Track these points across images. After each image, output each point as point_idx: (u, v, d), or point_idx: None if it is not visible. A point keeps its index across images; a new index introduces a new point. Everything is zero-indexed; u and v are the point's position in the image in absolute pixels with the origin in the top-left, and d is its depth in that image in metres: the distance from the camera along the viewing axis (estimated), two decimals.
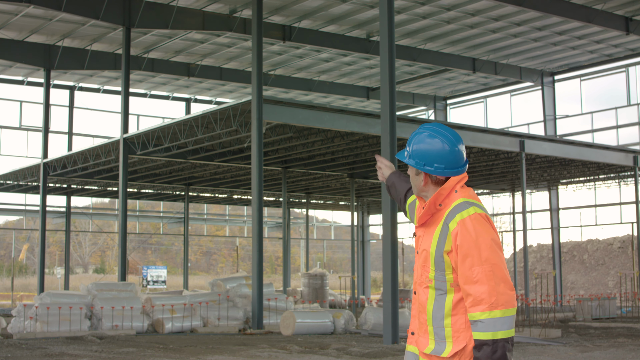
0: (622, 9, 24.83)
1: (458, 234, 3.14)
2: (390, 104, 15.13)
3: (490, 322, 3.04)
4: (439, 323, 3.17)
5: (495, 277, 3.07)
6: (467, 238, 3.12)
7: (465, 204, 3.21)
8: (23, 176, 30.27)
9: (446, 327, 3.16)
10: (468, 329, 3.14)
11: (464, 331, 3.15)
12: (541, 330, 16.54)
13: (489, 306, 3.04)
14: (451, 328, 3.16)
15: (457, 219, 3.17)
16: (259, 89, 18.59)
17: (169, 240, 56.01)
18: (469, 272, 3.09)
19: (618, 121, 31.72)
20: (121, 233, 23.00)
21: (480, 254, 3.09)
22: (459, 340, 3.14)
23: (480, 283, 3.07)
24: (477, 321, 3.06)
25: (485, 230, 3.14)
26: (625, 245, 34.66)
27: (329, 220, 49.90)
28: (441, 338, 3.16)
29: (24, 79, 33.33)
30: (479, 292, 3.06)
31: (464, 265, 3.11)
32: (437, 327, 3.17)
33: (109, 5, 23.28)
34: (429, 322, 3.20)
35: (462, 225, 3.15)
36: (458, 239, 3.14)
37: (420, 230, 3.37)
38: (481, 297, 3.06)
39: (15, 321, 16.87)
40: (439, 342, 3.17)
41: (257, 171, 18.51)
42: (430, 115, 38.44)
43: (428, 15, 25.31)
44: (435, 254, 3.20)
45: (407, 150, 3.39)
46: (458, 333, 3.15)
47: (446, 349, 3.14)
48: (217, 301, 19.24)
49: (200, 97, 37.64)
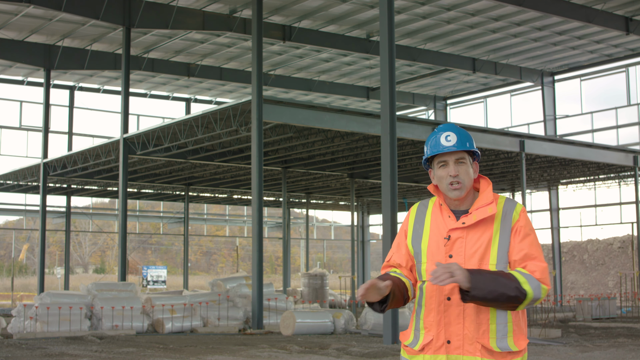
0: (622, 9, 24.83)
1: (519, 221, 3.28)
2: (390, 104, 15.13)
3: (535, 285, 3.17)
4: (502, 320, 3.21)
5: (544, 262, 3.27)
6: (527, 223, 3.29)
7: (512, 199, 3.37)
8: (23, 176, 30.27)
9: (509, 323, 3.22)
10: (524, 321, 3.29)
11: (522, 324, 3.27)
12: (541, 330, 16.54)
13: (549, 288, 3.23)
14: (512, 323, 3.24)
15: (518, 209, 3.31)
16: (259, 89, 18.59)
17: (169, 240, 56.01)
18: (529, 249, 3.24)
19: (618, 121, 31.72)
20: (121, 233, 23.00)
21: (536, 240, 3.29)
22: (521, 334, 3.26)
23: (539, 260, 3.24)
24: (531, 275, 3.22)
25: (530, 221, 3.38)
26: (625, 245, 34.66)
27: (329, 220, 49.91)
28: (504, 335, 3.21)
29: (24, 79, 33.33)
30: (537, 267, 3.22)
31: (523, 243, 3.25)
32: (500, 324, 3.21)
33: (109, 5, 23.28)
34: (492, 321, 3.20)
35: (522, 215, 3.30)
36: (519, 224, 3.29)
37: (460, 232, 3.27)
38: (539, 270, 3.21)
39: (15, 321, 16.87)
40: (501, 339, 3.20)
41: (257, 171, 18.51)
42: (430, 115, 38.44)
43: (428, 15, 25.31)
44: (499, 250, 3.24)
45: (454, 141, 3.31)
46: (519, 326, 3.25)
47: (510, 343, 3.21)
48: (217, 301, 19.24)
49: (200, 97, 37.64)
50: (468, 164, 3.31)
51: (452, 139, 3.30)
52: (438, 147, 3.31)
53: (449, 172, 3.29)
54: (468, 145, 3.31)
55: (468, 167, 3.31)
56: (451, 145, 3.28)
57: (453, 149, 3.27)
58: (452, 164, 3.30)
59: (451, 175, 3.28)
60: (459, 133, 3.33)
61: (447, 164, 3.31)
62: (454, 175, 3.28)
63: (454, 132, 3.32)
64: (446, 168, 3.31)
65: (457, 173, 3.28)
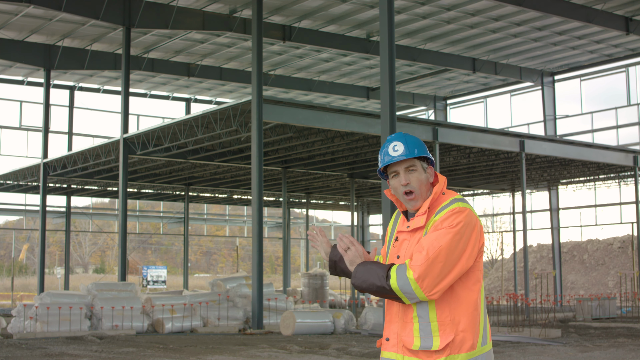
0: (622, 9, 24.83)
1: (436, 221, 3.21)
2: (390, 104, 15.13)
3: (402, 279, 3.11)
4: (424, 319, 3.20)
5: (437, 258, 3.11)
6: (445, 221, 3.18)
7: (457, 200, 3.27)
8: (23, 176, 30.27)
9: (432, 322, 3.19)
10: (452, 321, 3.19)
11: (449, 324, 3.19)
12: (541, 330, 16.54)
13: (417, 276, 3.09)
14: (437, 322, 3.19)
15: (445, 211, 3.22)
16: (259, 89, 18.59)
17: (169, 240, 56.02)
18: (425, 241, 3.16)
19: (618, 121, 31.72)
20: (121, 233, 23.00)
21: (442, 235, 3.15)
22: (446, 334, 3.18)
23: (425, 251, 3.12)
24: (407, 265, 3.14)
25: (467, 223, 3.18)
26: (625, 245, 34.66)
27: (329, 220, 49.91)
28: (427, 334, 3.19)
29: (24, 79, 33.33)
30: (417, 258, 3.14)
31: (425, 238, 3.18)
32: (423, 322, 3.20)
33: (109, 5, 23.28)
34: (415, 320, 3.22)
35: (446, 215, 3.20)
36: (435, 223, 3.20)
37: (405, 234, 3.33)
38: (415, 260, 3.13)
39: (15, 321, 16.87)
40: (425, 338, 3.19)
41: (257, 171, 18.51)
42: (430, 115, 38.45)
43: (428, 15, 25.31)
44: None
45: (401, 150, 3.31)
46: (444, 326, 3.19)
47: (434, 343, 3.18)
48: (217, 301, 19.24)
49: (200, 97, 37.64)
50: (420, 171, 3.33)
51: (399, 148, 3.33)
52: (387, 159, 3.35)
53: (400, 182, 3.33)
54: (416, 152, 3.32)
55: (420, 174, 3.32)
56: (399, 155, 3.31)
57: (401, 158, 3.30)
58: (402, 173, 3.32)
59: (402, 185, 3.32)
60: (407, 141, 3.34)
61: (398, 174, 3.34)
62: (405, 184, 3.31)
63: (401, 141, 3.34)
64: (398, 177, 3.34)
65: (408, 181, 3.31)
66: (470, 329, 3.21)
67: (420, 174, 3.32)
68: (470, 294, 3.24)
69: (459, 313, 3.21)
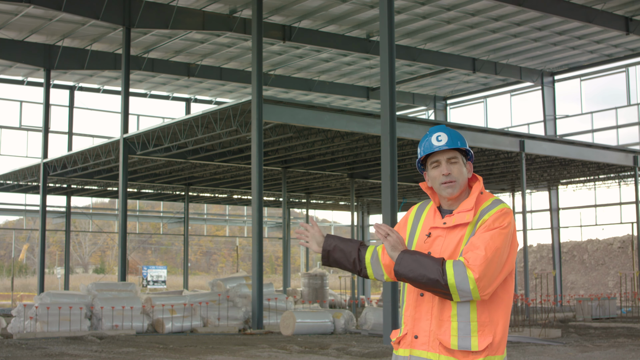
0: (622, 9, 24.83)
1: (486, 220, 3.20)
2: (390, 104, 15.13)
3: (461, 276, 3.07)
4: (464, 318, 3.16)
5: (494, 258, 3.10)
6: (496, 221, 3.18)
7: (499, 201, 3.28)
8: (23, 176, 30.27)
9: (472, 322, 3.16)
10: (491, 322, 3.18)
11: (488, 324, 3.17)
12: (541, 330, 16.54)
13: (478, 276, 3.06)
14: (477, 322, 3.16)
15: (493, 212, 3.21)
16: (259, 89, 18.59)
17: (169, 240, 56.01)
18: (477, 240, 3.14)
19: (618, 121, 31.73)
20: (121, 233, 23.00)
21: (496, 235, 3.14)
22: (485, 334, 3.16)
23: (480, 249, 3.11)
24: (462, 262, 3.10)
25: (513, 225, 3.21)
26: (625, 245, 34.66)
27: (329, 220, 49.91)
28: (466, 334, 3.16)
29: (24, 79, 33.33)
30: (472, 255, 3.11)
31: (477, 236, 3.16)
32: (463, 322, 3.17)
33: (109, 5, 23.28)
34: (454, 319, 3.18)
35: (495, 215, 3.21)
36: (486, 223, 3.19)
37: (440, 231, 3.30)
38: (472, 257, 3.10)
39: (15, 321, 16.87)
40: (463, 338, 3.16)
41: (257, 171, 18.51)
42: (430, 115, 38.45)
43: (428, 15, 25.31)
44: (463, 250, 3.21)
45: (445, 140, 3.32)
46: (483, 327, 3.17)
47: (472, 343, 3.15)
48: (217, 301, 19.24)
49: (200, 97, 37.64)
50: (461, 163, 3.33)
51: (443, 138, 3.33)
52: (430, 148, 3.34)
53: (441, 172, 3.31)
54: (459, 144, 3.33)
55: (461, 167, 3.33)
56: (443, 145, 3.31)
57: (445, 148, 3.30)
58: (444, 163, 3.32)
59: (444, 175, 3.30)
60: (450, 133, 3.36)
61: (440, 164, 3.33)
62: (447, 174, 3.30)
63: (445, 132, 3.35)
64: (439, 168, 3.33)
65: (450, 172, 3.30)
66: (506, 331, 3.23)
67: (461, 167, 3.33)
68: (508, 296, 3.25)
69: (498, 314, 3.21)
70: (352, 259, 3.42)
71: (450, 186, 3.29)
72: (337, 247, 3.42)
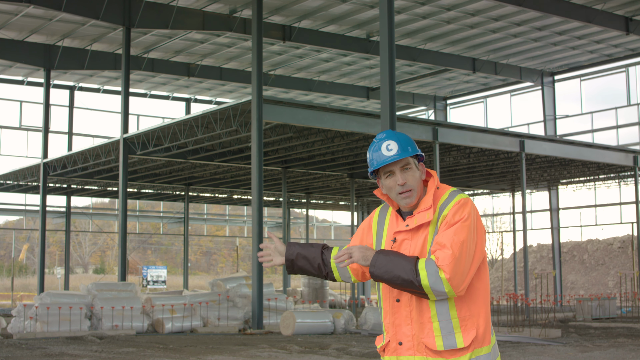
0: (622, 9, 24.83)
1: (447, 215, 3.14)
2: (390, 104, 15.14)
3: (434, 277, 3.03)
4: (444, 317, 3.14)
5: (461, 254, 3.06)
6: (456, 214, 3.13)
7: (456, 192, 3.22)
8: (23, 176, 30.27)
9: (453, 319, 3.14)
10: (472, 315, 3.15)
11: (469, 318, 3.15)
12: (541, 330, 16.54)
13: (449, 276, 3.03)
14: (458, 318, 3.14)
15: (451, 205, 3.16)
16: (259, 89, 18.59)
17: (169, 240, 56.02)
18: (443, 237, 3.09)
19: (618, 121, 31.73)
20: (121, 233, 23.00)
21: (460, 229, 3.10)
22: (468, 329, 3.14)
23: (447, 248, 3.06)
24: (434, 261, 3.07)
25: (474, 213, 3.15)
26: (625, 245, 34.66)
27: (329, 220, 49.91)
28: (449, 332, 3.14)
29: (24, 79, 33.33)
30: (441, 254, 3.06)
31: (442, 233, 3.11)
32: (444, 321, 3.14)
33: (109, 5, 23.28)
34: (434, 319, 3.15)
35: (454, 207, 3.15)
36: (447, 218, 3.14)
37: (404, 234, 3.25)
38: (442, 257, 3.06)
39: (15, 321, 16.87)
40: (447, 337, 3.14)
41: (257, 171, 18.51)
42: (430, 115, 38.45)
43: (428, 15, 25.31)
44: (430, 247, 3.17)
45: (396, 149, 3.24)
46: (465, 322, 3.14)
47: (458, 340, 3.13)
48: (217, 301, 19.24)
49: (200, 97, 37.64)
50: (414, 168, 3.27)
51: (393, 147, 3.24)
52: (381, 159, 3.25)
53: (396, 181, 3.25)
54: (410, 151, 3.25)
55: (414, 172, 3.26)
56: (394, 155, 3.22)
57: (396, 159, 3.22)
58: (398, 172, 3.24)
59: (399, 185, 3.24)
60: (399, 139, 3.27)
61: (394, 173, 3.26)
62: (402, 184, 3.24)
63: (394, 139, 3.26)
64: (393, 177, 3.26)
65: (405, 181, 3.24)
66: (488, 321, 3.20)
67: (415, 172, 3.26)
68: (484, 285, 3.21)
69: (478, 306, 3.18)
70: (316, 264, 3.34)
71: (408, 196, 3.24)
72: (299, 255, 3.34)
